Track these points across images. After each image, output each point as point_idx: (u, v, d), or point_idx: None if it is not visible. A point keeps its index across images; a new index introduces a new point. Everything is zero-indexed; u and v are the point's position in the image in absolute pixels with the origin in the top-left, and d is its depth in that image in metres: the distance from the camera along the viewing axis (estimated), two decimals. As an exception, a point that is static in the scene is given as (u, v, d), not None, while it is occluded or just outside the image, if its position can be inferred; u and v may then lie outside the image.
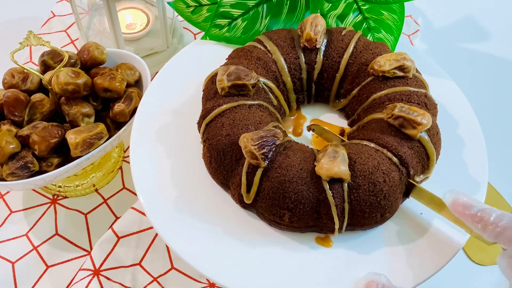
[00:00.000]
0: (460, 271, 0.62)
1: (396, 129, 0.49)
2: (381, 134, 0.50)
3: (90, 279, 0.56)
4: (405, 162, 0.48)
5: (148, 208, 0.50)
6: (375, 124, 0.51)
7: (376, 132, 0.50)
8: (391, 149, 0.48)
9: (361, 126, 0.53)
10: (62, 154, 0.57)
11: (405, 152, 0.48)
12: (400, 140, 0.49)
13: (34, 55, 0.80)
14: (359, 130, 0.54)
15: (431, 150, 0.50)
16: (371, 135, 0.50)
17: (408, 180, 0.49)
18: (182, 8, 0.70)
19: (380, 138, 0.49)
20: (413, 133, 0.49)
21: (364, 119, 0.54)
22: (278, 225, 0.49)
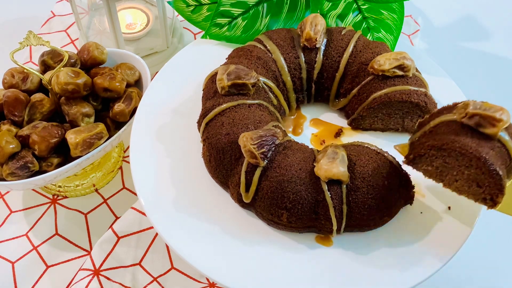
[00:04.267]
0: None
1: (472, 129, 0.44)
2: (456, 136, 0.44)
3: (90, 279, 0.56)
4: (491, 164, 0.43)
5: (148, 208, 0.50)
6: (445, 127, 0.46)
7: (450, 135, 0.45)
8: (471, 151, 0.43)
9: (428, 131, 0.47)
10: (62, 154, 0.57)
11: (488, 153, 0.43)
12: (479, 141, 0.43)
13: (34, 55, 0.80)
14: (426, 135, 0.47)
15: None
16: (444, 139, 0.45)
17: (500, 185, 0.44)
18: (182, 7, 0.70)
19: (455, 141, 0.44)
20: (493, 131, 0.43)
21: (429, 123, 0.48)
22: (277, 225, 0.49)
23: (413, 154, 0.47)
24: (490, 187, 0.44)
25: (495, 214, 0.65)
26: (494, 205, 0.45)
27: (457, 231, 0.49)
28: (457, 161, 0.44)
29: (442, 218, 0.51)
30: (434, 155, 0.46)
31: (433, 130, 0.47)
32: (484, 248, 0.63)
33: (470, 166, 0.44)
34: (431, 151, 0.45)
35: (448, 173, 0.46)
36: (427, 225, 0.50)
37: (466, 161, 0.44)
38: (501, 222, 0.65)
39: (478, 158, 0.42)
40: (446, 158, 0.45)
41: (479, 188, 0.45)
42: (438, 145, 0.45)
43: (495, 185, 0.43)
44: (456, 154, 0.44)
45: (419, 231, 0.50)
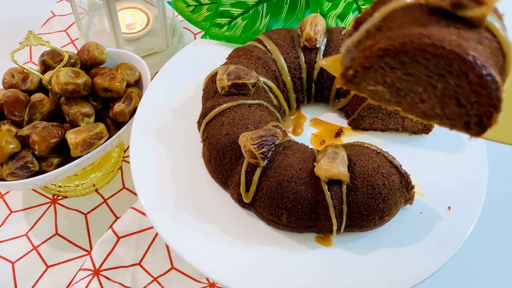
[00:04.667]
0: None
1: (446, 14, 0.30)
2: (423, 27, 0.29)
3: (90, 279, 0.56)
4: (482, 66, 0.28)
5: (148, 207, 0.50)
6: (403, 17, 0.31)
7: (413, 27, 0.30)
8: (450, 48, 0.28)
9: (375, 28, 0.32)
10: (62, 154, 0.57)
11: (476, 49, 0.29)
12: (459, 31, 0.29)
13: (34, 55, 0.80)
14: (373, 35, 0.33)
15: (507, 43, 0.32)
16: (404, 35, 0.29)
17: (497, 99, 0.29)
18: (182, 7, 0.70)
19: (424, 36, 0.29)
20: (480, 13, 0.30)
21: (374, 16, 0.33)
22: (277, 225, 0.49)
23: (353, 68, 0.31)
24: (479, 103, 0.30)
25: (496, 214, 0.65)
26: (483, 130, 0.30)
27: (456, 231, 0.49)
28: (426, 68, 0.29)
29: (442, 218, 0.51)
30: (388, 64, 0.30)
31: (383, 25, 0.31)
32: (484, 248, 0.63)
33: (448, 73, 0.29)
34: (383, 59, 0.30)
35: (410, 90, 0.31)
36: (426, 225, 0.50)
37: (442, 66, 0.29)
38: (501, 222, 0.65)
39: (463, 59, 0.28)
40: (408, 67, 0.30)
41: (461, 107, 0.30)
42: (394, 45, 0.29)
43: (488, 98, 0.29)
44: (425, 56, 0.29)
45: (419, 231, 0.50)
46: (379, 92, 0.33)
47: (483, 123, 0.31)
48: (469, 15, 0.30)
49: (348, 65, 0.32)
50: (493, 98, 0.29)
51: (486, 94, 0.29)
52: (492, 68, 0.29)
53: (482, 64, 0.28)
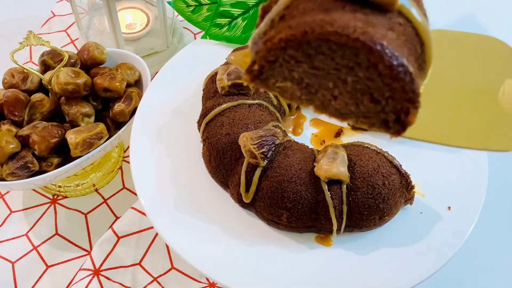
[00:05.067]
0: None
1: (351, 0, 0.27)
2: (325, 13, 0.26)
3: (90, 279, 0.56)
4: (392, 56, 0.25)
5: (148, 207, 0.50)
6: (307, 2, 0.28)
7: (316, 14, 0.26)
8: (355, 36, 0.25)
9: (279, 17, 0.29)
10: (62, 154, 0.57)
11: (385, 37, 0.25)
12: (366, 16, 0.26)
13: (34, 55, 0.80)
14: (277, 25, 0.29)
15: (424, 28, 0.28)
16: (306, 23, 0.26)
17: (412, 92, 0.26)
18: (182, 7, 0.70)
19: (326, 23, 0.25)
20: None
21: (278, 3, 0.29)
22: (277, 225, 0.49)
23: (257, 63, 0.28)
24: (394, 98, 0.27)
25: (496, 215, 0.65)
26: (403, 128, 0.28)
27: (456, 231, 0.49)
28: (332, 60, 0.26)
29: (442, 218, 0.51)
30: (293, 57, 0.27)
31: (286, 13, 0.28)
32: (484, 248, 0.63)
33: (356, 65, 0.26)
34: (286, 51, 0.27)
35: (320, 86, 0.28)
36: (426, 225, 0.50)
37: (349, 57, 0.26)
38: (501, 222, 0.64)
39: (369, 48, 0.25)
40: (313, 59, 0.27)
41: (375, 104, 0.28)
42: (295, 35, 0.26)
43: (403, 92, 0.26)
44: (329, 46, 0.26)
45: (419, 231, 0.50)
46: (289, 89, 0.30)
47: (402, 120, 0.27)
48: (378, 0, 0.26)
49: (253, 59, 0.28)
50: (407, 91, 0.26)
51: (400, 87, 0.26)
52: (404, 58, 0.25)
53: (392, 53, 0.25)
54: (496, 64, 0.38)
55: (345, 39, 0.25)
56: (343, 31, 0.25)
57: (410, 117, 0.27)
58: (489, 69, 0.37)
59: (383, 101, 0.27)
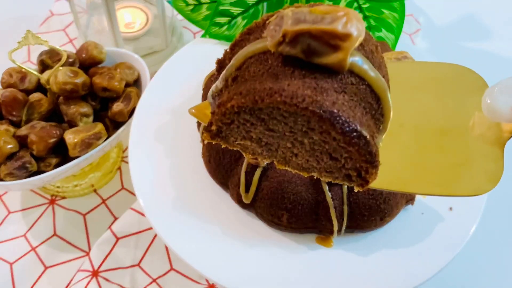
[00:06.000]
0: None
1: (300, 63, 0.26)
2: (274, 82, 0.26)
3: (89, 280, 0.56)
4: (344, 123, 0.25)
5: (147, 208, 0.50)
6: (257, 66, 0.28)
7: (265, 81, 0.26)
8: (303, 105, 0.25)
9: (232, 78, 0.29)
10: (61, 154, 0.56)
11: (335, 103, 0.25)
12: (316, 82, 0.26)
13: (32, 54, 0.79)
14: (230, 87, 0.29)
15: (378, 84, 0.28)
16: (255, 91, 0.26)
17: (369, 154, 0.27)
18: (181, 6, 0.69)
19: (274, 93, 0.25)
20: (338, 59, 0.25)
21: (231, 63, 0.29)
22: (277, 225, 0.49)
23: (215, 124, 0.29)
24: (352, 158, 0.27)
25: (497, 215, 0.64)
26: (366, 183, 0.29)
27: (458, 232, 0.49)
28: (286, 124, 0.27)
29: (443, 218, 0.50)
30: (247, 120, 0.28)
31: (239, 74, 0.28)
32: (486, 249, 0.63)
33: (310, 130, 0.27)
34: (240, 115, 0.27)
35: (279, 145, 0.29)
36: (428, 226, 0.50)
37: (302, 123, 0.26)
38: (503, 223, 0.64)
39: (319, 116, 0.25)
40: (267, 123, 0.27)
41: (335, 161, 0.28)
42: (245, 104, 0.26)
43: (359, 155, 0.27)
44: (280, 113, 0.26)
45: (420, 231, 0.50)
46: (249, 146, 0.30)
47: (363, 176, 0.28)
48: (326, 63, 0.25)
49: (212, 118, 0.29)
50: (363, 154, 0.27)
51: (355, 151, 0.26)
52: (357, 122, 0.26)
53: (343, 120, 0.25)
54: (464, 97, 0.35)
55: (294, 109, 0.25)
56: (292, 101, 0.25)
57: (371, 175, 0.28)
58: (456, 103, 0.35)
59: (342, 160, 0.28)
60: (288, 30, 0.25)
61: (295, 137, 0.27)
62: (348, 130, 0.25)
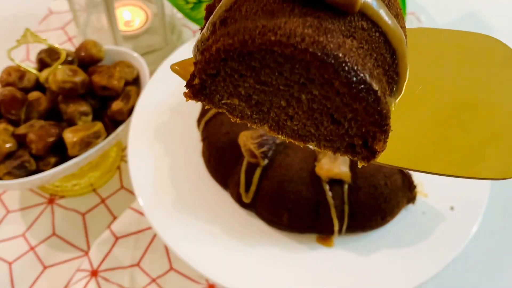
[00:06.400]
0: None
1: (301, 3, 0.22)
2: (270, 18, 0.22)
3: (88, 280, 0.55)
4: (352, 73, 0.21)
5: (147, 208, 0.50)
6: (250, 3, 0.23)
7: (259, 19, 0.22)
8: (304, 46, 0.21)
9: (221, 19, 0.24)
10: (59, 153, 0.56)
11: (342, 46, 0.21)
12: (319, 22, 0.21)
13: (31, 52, 0.79)
14: (218, 29, 0.25)
15: (396, 33, 0.23)
16: (247, 30, 0.22)
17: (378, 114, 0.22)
18: (181, 4, 0.69)
19: (268, 30, 0.21)
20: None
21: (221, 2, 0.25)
22: (277, 225, 0.49)
23: (198, 76, 0.25)
24: (358, 120, 0.22)
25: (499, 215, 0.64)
26: (373, 155, 0.24)
27: (459, 231, 0.49)
28: (280, 74, 0.22)
29: (444, 218, 0.50)
30: (235, 70, 0.23)
31: (228, 15, 0.24)
32: (487, 248, 0.62)
33: (309, 81, 0.22)
34: (227, 63, 0.23)
35: (271, 104, 0.24)
36: (429, 225, 0.50)
37: (299, 72, 0.22)
38: (504, 222, 0.64)
39: (321, 61, 0.20)
40: (259, 73, 0.23)
41: (338, 125, 0.23)
42: (233, 45, 0.22)
43: (366, 114, 0.22)
44: (275, 59, 0.22)
45: (421, 231, 0.49)
46: (237, 107, 0.25)
47: (370, 146, 0.23)
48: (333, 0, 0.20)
49: (192, 72, 0.24)
50: (372, 113, 0.21)
51: (362, 109, 0.21)
52: (367, 72, 0.21)
53: (350, 67, 0.20)
54: (492, 69, 0.31)
55: (291, 50, 0.20)
56: (288, 40, 0.20)
57: (378, 143, 0.23)
58: (483, 75, 0.31)
59: (346, 123, 0.23)
60: None
61: (291, 92, 0.22)
62: (355, 80, 0.20)
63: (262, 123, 0.26)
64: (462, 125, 0.28)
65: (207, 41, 0.24)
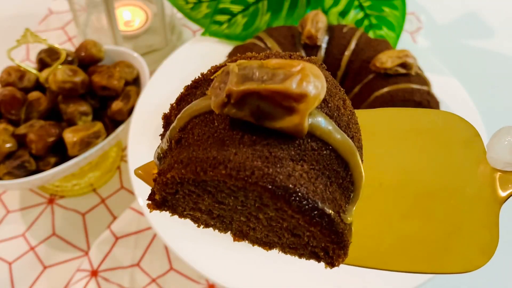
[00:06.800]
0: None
1: (250, 127, 0.22)
2: (219, 149, 0.22)
3: (88, 280, 0.55)
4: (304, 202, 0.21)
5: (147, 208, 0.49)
6: (201, 127, 0.24)
7: (210, 149, 0.23)
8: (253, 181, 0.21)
9: (176, 140, 0.26)
10: (59, 153, 0.56)
11: (290, 176, 0.22)
12: (269, 150, 0.22)
13: (31, 52, 0.79)
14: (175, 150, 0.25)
15: (345, 147, 0.24)
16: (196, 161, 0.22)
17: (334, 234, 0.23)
18: (181, 4, 0.69)
19: (215, 165, 0.22)
20: (293, 122, 0.21)
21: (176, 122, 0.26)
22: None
23: (158, 193, 0.25)
24: (316, 237, 0.23)
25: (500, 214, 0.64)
26: (333, 263, 0.24)
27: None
28: (235, 199, 0.23)
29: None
30: (193, 191, 0.24)
31: (183, 136, 0.25)
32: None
33: (264, 206, 0.22)
34: (184, 186, 0.24)
35: (233, 218, 0.25)
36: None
37: (253, 198, 0.22)
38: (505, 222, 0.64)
39: (272, 193, 0.21)
40: (215, 196, 0.23)
41: (298, 238, 0.24)
42: (186, 176, 0.22)
43: (324, 236, 0.22)
44: (228, 187, 0.22)
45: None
46: (200, 218, 0.26)
47: (331, 256, 0.24)
48: (280, 127, 0.21)
49: (152, 189, 0.25)
50: (328, 235, 0.22)
51: (318, 231, 0.22)
52: (318, 197, 0.21)
53: (301, 196, 0.21)
54: (455, 150, 0.30)
55: (242, 184, 0.21)
56: (238, 174, 0.21)
57: (338, 257, 0.23)
58: (445, 157, 0.30)
59: (306, 238, 0.23)
60: (233, 89, 0.21)
61: (249, 211, 0.23)
62: (307, 208, 0.21)
63: (226, 231, 0.27)
64: (425, 216, 0.28)
65: (165, 157, 0.26)
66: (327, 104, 0.23)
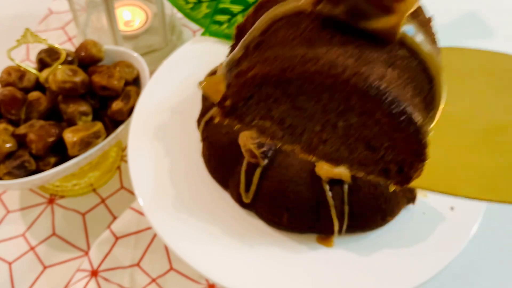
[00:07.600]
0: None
1: (342, 27, 0.21)
2: (308, 47, 0.21)
3: (88, 280, 0.55)
4: (394, 105, 0.21)
5: (147, 208, 0.50)
6: (287, 30, 0.22)
7: (297, 47, 0.21)
8: (345, 77, 0.20)
9: (254, 44, 0.24)
10: (59, 153, 0.56)
11: (383, 77, 0.21)
12: (360, 51, 0.21)
13: (31, 52, 0.79)
14: (252, 54, 0.24)
15: (434, 61, 0.23)
16: (285, 58, 0.21)
17: (418, 144, 0.22)
18: (181, 4, 0.69)
19: (308, 60, 0.20)
20: (389, 23, 0.21)
21: (253, 27, 0.24)
22: (277, 225, 0.49)
23: (230, 99, 0.24)
24: (396, 149, 0.22)
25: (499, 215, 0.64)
26: (407, 181, 0.24)
27: (460, 232, 0.49)
28: (318, 102, 0.22)
29: (444, 218, 0.50)
30: (270, 95, 0.23)
31: (263, 39, 0.23)
32: (488, 249, 0.62)
33: (348, 110, 0.22)
34: (262, 88, 0.22)
35: (305, 128, 0.24)
36: (429, 225, 0.50)
37: (339, 101, 0.21)
38: (505, 222, 0.64)
39: (363, 92, 0.20)
40: (295, 99, 0.22)
41: (373, 152, 0.23)
42: (271, 74, 0.21)
43: (406, 144, 0.22)
44: (314, 87, 0.21)
45: (421, 231, 0.49)
46: (268, 128, 0.25)
47: (405, 172, 0.23)
48: (374, 27, 0.20)
49: (226, 93, 0.24)
50: (412, 143, 0.22)
51: (402, 138, 0.21)
52: (408, 103, 0.21)
53: (392, 98, 0.20)
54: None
55: (332, 81, 0.20)
56: (330, 71, 0.20)
57: (415, 171, 0.23)
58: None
59: (382, 151, 0.23)
60: None
61: (328, 118, 0.22)
62: (397, 111, 0.20)
63: (294, 145, 0.26)
64: (493, 150, 0.28)
65: (239, 63, 0.24)
66: (417, 17, 0.23)
